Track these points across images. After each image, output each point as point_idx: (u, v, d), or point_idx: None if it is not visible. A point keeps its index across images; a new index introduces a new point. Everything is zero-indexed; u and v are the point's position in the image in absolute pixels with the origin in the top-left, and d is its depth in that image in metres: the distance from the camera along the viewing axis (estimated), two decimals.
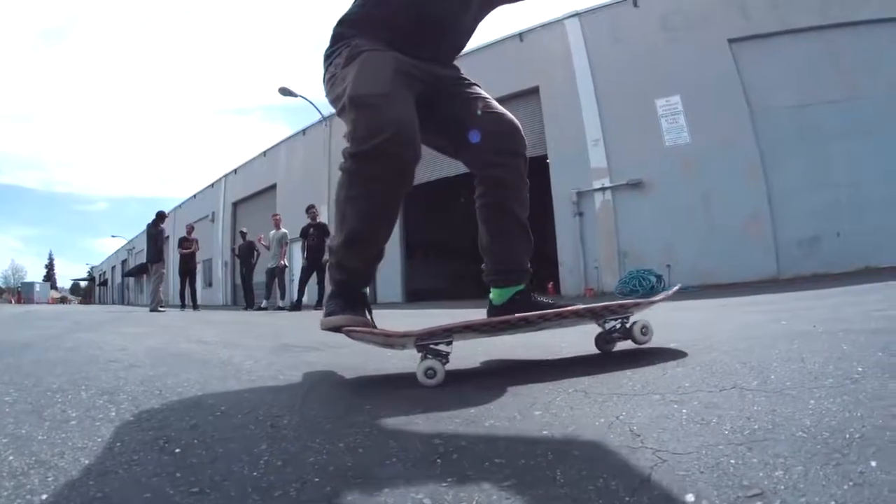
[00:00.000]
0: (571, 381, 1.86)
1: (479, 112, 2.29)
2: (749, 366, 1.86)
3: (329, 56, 2.32)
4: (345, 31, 2.28)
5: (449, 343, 2.03)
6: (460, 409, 1.57)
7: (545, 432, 1.32)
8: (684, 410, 1.39)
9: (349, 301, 2.17)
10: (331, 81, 2.28)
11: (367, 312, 2.18)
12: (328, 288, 2.29)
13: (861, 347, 2.03)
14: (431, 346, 2.01)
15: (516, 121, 2.34)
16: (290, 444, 1.30)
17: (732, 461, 1.03)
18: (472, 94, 2.35)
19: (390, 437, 1.34)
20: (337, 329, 2.10)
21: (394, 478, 1.08)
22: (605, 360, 2.30)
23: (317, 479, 1.07)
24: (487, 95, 2.38)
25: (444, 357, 1.99)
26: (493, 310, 2.44)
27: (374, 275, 2.35)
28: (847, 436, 1.09)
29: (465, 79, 2.42)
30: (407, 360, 2.25)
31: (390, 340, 2.08)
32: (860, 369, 1.65)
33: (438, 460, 1.16)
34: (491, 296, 2.47)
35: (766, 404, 1.38)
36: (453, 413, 1.54)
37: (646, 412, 1.41)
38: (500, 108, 2.35)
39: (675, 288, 2.50)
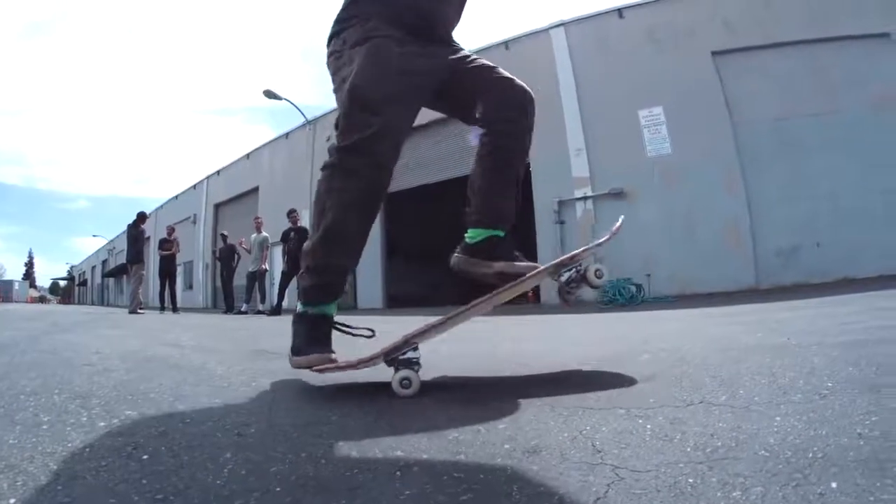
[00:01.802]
0: (539, 393, 1.85)
1: (493, 76, 2.31)
2: (719, 380, 1.85)
3: (340, 23, 2.26)
4: (360, 4, 2.23)
5: (416, 349, 2.02)
6: (426, 422, 1.57)
7: (507, 446, 1.31)
8: (648, 426, 1.37)
9: (313, 333, 2.17)
10: (336, 56, 2.23)
11: (332, 335, 2.20)
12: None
13: (833, 361, 2.02)
14: (400, 357, 1.99)
15: (527, 87, 2.35)
16: (254, 453, 1.30)
17: (691, 480, 1.01)
18: (482, 64, 2.35)
19: (354, 448, 1.34)
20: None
21: (354, 489, 1.08)
22: (575, 372, 2.29)
23: (278, 489, 1.08)
24: (495, 65, 2.39)
25: (416, 364, 1.99)
26: (467, 248, 2.40)
27: (345, 284, 2.31)
28: (810, 455, 1.07)
29: (469, 54, 2.40)
30: (380, 369, 2.22)
31: (360, 367, 2.05)
32: (830, 384, 1.63)
33: (398, 473, 1.16)
34: (467, 235, 2.41)
35: (732, 421, 1.36)
36: (418, 425, 1.53)
37: (610, 427, 1.39)
38: (512, 76, 2.36)
39: (619, 222, 2.51)
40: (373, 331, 2.21)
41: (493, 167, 2.34)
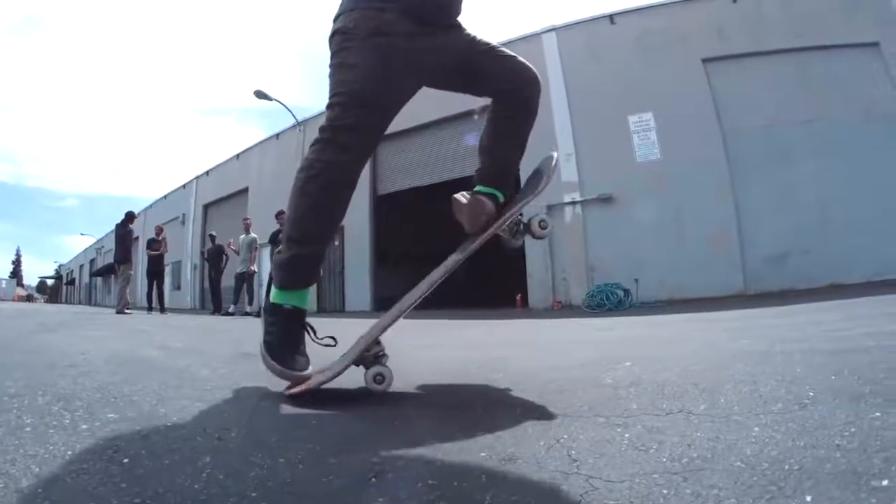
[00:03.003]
0: (520, 400, 1.85)
1: (503, 54, 2.39)
2: (700, 388, 1.84)
3: (356, 1, 2.22)
4: None
5: (378, 343, 2.06)
6: (404, 428, 1.58)
7: (483, 454, 1.30)
8: (627, 435, 1.36)
9: (288, 333, 2.18)
10: (344, 37, 2.18)
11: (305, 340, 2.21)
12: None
13: (816, 370, 2.02)
14: (368, 356, 2.01)
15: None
16: (233, 458, 1.30)
17: (665, 491, 1.00)
18: (492, 45, 2.41)
19: (331, 454, 1.34)
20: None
21: (329, 495, 1.09)
22: (557, 378, 2.28)
23: (254, 494, 1.08)
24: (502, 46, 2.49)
25: (383, 357, 2.03)
26: (474, 194, 2.51)
27: (319, 267, 2.31)
28: (786, 467, 1.06)
29: (477, 36, 2.43)
30: (361, 374, 2.21)
31: (332, 377, 2.03)
32: (811, 394, 1.62)
33: (374, 479, 1.16)
34: (476, 188, 2.53)
35: (711, 430, 1.35)
36: (396, 431, 1.55)
37: (588, 435, 1.38)
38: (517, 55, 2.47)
39: (554, 161, 2.61)
40: (335, 339, 2.19)
41: (502, 133, 2.48)
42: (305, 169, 2.16)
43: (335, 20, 2.24)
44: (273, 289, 2.24)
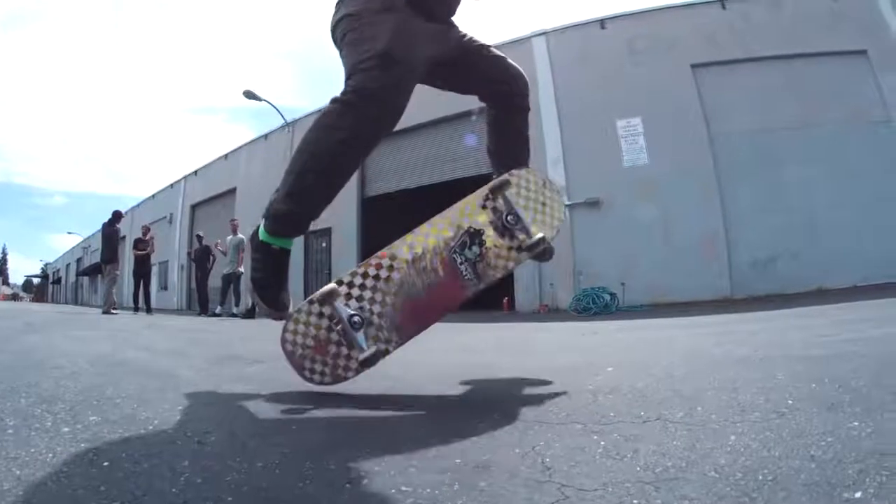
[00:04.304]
0: (499, 405, 1.84)
1: (493, 55, 2.50)
2: (680, 394, 1.83)
3: None
4: None
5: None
6: (382, 433, 1.59)
7: (458, 460, 1.29)
8: (602, 442, 1.35)
9: (278, 271, 2.28)
10: (351, 15, 2.19)
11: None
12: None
13: (796, 377, 2.01)
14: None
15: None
16: (212, 462, 1.30)
17: (636, 501, 0.99)
18: (483, 44, 2.50)
19: (308, 458, 1.33)
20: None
21: (302, 500, 1.09)
22: (537, 383, 2.27)
23: (230, 499, 1.08)
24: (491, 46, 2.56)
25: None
26: None
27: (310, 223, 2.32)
28: (760, 477, 1.05)
29: (469, 35, 2.49)
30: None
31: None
32: (790, 402, 1.62)
33: (348, 485, 1.16)
34: None
35: (687, 439, 1.34)
36: (374, 436, 1.55)
37: (564, 443, 1.37)
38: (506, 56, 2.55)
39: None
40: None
41: (506, 136, 2.61)
42: (322, 129, 2.13)
43: (338, 5, 2.26)
44: (262, 229, 2.26)
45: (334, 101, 2.11)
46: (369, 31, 2.10)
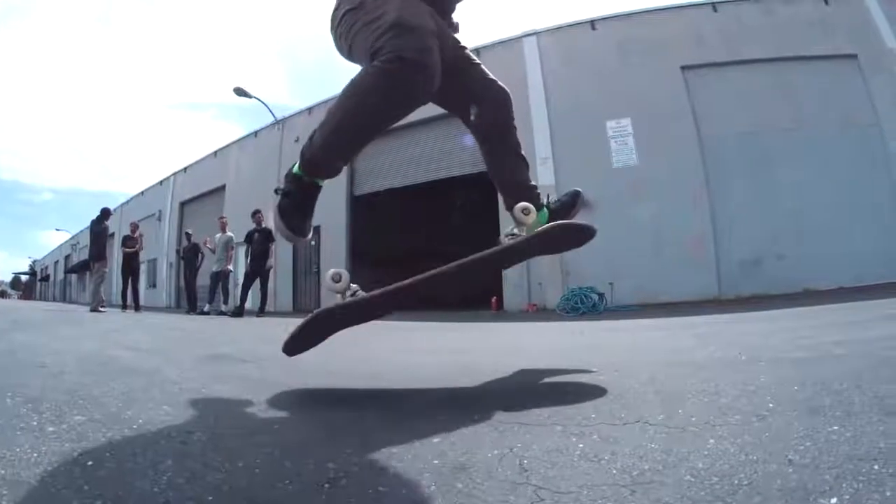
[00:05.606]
0: (480, 407, 1.84)
1: (481, 75, 2.53)
2: (662, 396, 1.84)
3: None
4: None
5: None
6: (362, 434, 1.58)
7: (436, 461, 1.30)
8: (581, 444, 1.35)
9: (304, 203, 2.30)
10: (356, 10, 2.19)
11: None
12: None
13: (779, 380, 2.02)
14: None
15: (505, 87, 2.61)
16: (194, 462, 1.32)
17: None
18: (470, 56, 2.52)
19: (288, 459, 1.35)
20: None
21: (280, 500, 1.10)
22: (521, 385, 2.27)
23: (210, 498, 1.09)
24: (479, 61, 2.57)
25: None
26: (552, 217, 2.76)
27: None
28: (735, 482, 1.05)
29: (460, 42, 2.51)
30: (330, 377, 2.20)
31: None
32: (771, 405, 1.62)
33: (327, 485, 1.17)
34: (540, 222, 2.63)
35: (665, 441, 1.33)
36: (355, 437, 1.54)
37: (542, 444, 1.37)
38: (493, 77, 2.58)
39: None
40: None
41: (503, 158, 2.66)
42: (358, 91, 2.10)
43: (339, 1, 2.28)
44: (296, 166, 2.29)
45: (367, 69, 2.09)
46: (376, 13, 2.09)
